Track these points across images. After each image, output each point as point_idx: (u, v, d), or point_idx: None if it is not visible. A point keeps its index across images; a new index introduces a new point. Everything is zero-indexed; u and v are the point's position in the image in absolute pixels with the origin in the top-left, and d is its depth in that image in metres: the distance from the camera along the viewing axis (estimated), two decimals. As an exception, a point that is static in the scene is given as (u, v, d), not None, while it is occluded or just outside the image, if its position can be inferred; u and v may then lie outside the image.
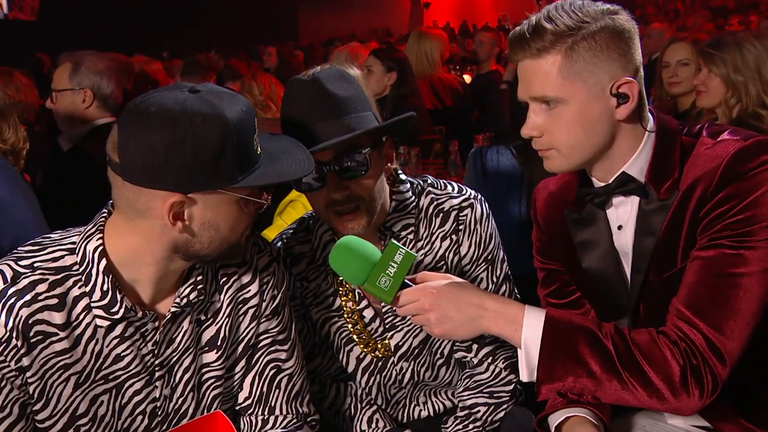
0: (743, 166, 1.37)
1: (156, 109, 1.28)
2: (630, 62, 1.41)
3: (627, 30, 1.41)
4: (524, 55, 1.42)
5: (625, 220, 1.52)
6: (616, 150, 1.47)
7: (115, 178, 1.34)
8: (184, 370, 1.50)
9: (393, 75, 4.10)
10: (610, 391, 1.37)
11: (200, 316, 1.51)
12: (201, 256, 1.40)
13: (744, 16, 11.79)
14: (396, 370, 1.78)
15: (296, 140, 1.51)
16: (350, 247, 1.47)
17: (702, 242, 1.40)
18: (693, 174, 1.42)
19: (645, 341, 1.38)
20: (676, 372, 1.34)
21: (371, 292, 1.45)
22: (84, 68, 3.02)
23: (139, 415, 1.47)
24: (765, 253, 1.36)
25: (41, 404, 1.37)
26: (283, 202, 2.47)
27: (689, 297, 1.39)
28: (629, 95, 1.41)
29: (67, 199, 2.64)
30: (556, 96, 1.40)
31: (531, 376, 1.43)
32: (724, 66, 2.82)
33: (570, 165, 1.47)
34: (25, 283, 1.33)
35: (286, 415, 1.62)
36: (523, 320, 1.42)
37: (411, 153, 3.58)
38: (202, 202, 1.33)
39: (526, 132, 1.46)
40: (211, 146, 1.27)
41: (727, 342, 1.34)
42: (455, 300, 1.44)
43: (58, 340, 1.36)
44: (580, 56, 1.38)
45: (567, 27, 1.37)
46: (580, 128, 1.41)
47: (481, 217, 1.74)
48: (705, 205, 1.39)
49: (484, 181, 2.28)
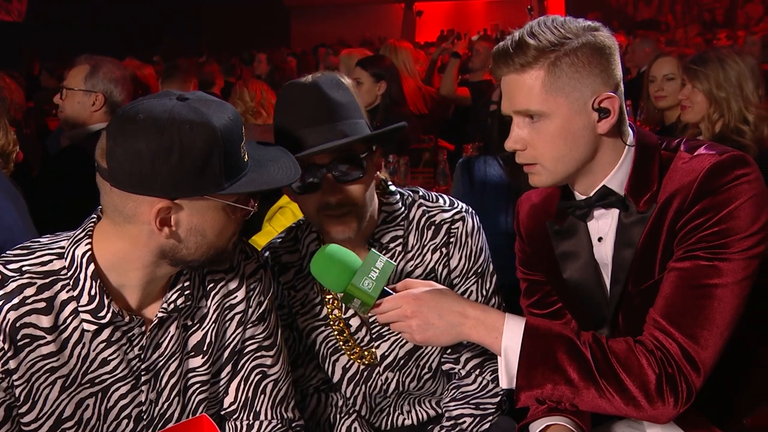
0: (718, 180, 1.40)
1: (144, 116, 1.30)
2: (611, 77, 1.44)
3: (608, 46, 1.44)
4: (508, 69, 1.45)
5: (605, 232, 1.55)
6: (598, 163, 1.50)
7: (103, 184, 1.36)
8: (170, 374, 1.51)
9: (382, 84, 4.10)
10: (588, 399, 1.40)
11: (187, 322, 1.52)
12: (188, 262, 1.41)
13: (732, 31, 11.94)
14: (381, 380, 1.80)
15: (284, 148, 1.52)
16: (331, 254, 1.49)
17: (678, 254, 1.43)
18: (671, 187, 1.46)
19: (622, 350, 1.40)
20: (651, 380, 1.37)
21: (354, 295, 1.46)
22: (101, 73, 3.06)
23: (124, 419, 1.48)
24: (739, 265, 1.39)
25: (27, 407, 1.38)
26: (272, 209, 2.48)
27: (665, 307, 1.42)
28: (610, 110, 1.44)
29: (64, 195, 2.66)
30: (540, 110, 1.43)
31: (510, 383, 1.45)
32: (707, 82, 2.87)
33: (555, 179, 1.50)
34: (13, 286, 1.35)
35: (271, 420, 1.63)
36: (503, 328, 1.44)
37: (400, 162, 3.60)
38: (189, 208, 1.35)
39: (509, 145, 1.49)
40: (197, 153, 1.29)
41: (701, 351, 1.38)
42: (437, 307, 1.46)
43: (46, 343, 1.37)
44: (563, 71, 1.41)
45: (550, 43, 1.40)
46: (563, 142, 1.44)
47: (473, 230, 1.76)
48: (682, 217, 1.43)
49: (471, 191, 2.30)
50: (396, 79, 4.18)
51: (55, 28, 13.29)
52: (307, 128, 1.57)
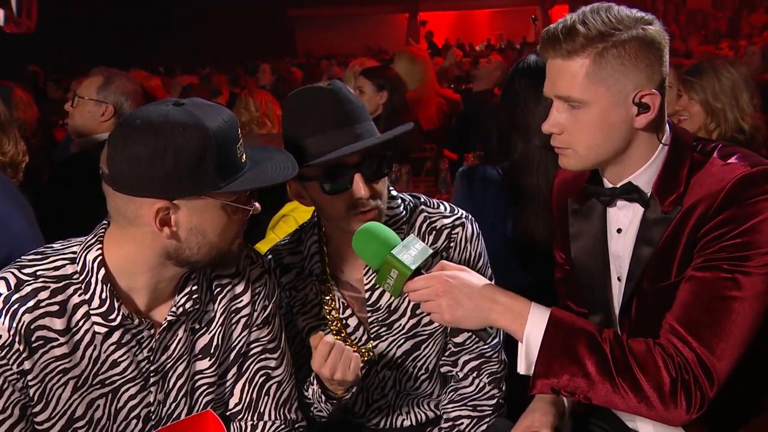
0: (746, 192, 1.41)
1: (141, 121, 1.36)
2: (656, 73, 1.44)
3: (657, 41, 1.44)
4: (555, 54, 1.46)
5: (625, 224, 1.57)
6: (630, 157, 1.51)
7: (107, 189, 1.42)
8: (178, 376, 1.56)
9: (384, 94, 4.13)
10: (602, 393, 1.42)
11: (194, 325, 1.57)
12: (192, 263, 1.46)
13: (734, 41, 11.97)
14: (379, 377, 1.84)
15: (284, 150, 1.58)
16: (375, 229, 1.55)
17: (698, 261, 1.44)
18: (698, 192, 1.46)
19: (641, 350, 1.43)
20: (666, 382, 1.39)
21: (392, 265, 1.49)
22: (114, 86, 3.16)
23: (133, 419, 1.53)
24: (759, 280, 1.40)
25: (41, 406, 1.43)
26: (275, 217, 2.53)
27: (683, 315, 1.43)
28: (650, 106, 1.44)
29: (71, 201, 2.72)
30: (580, 98, 1.44)
31: (528, 369, 1.48)
32: (703, 92, 2.90)
33: (584, 165, 1.52)
34: (28, 290, 1.40)
35: (275, 421, 1.68)
36: (528, 316, 1.47)
37: (402, 170, 3.65)
38: (187, 208, 1.40)
39: (547, 128, 1.51)
40: (191, 154, 1.35)
41: (716, 362, 1.39)
42: (468, 289, 1.49)
43: (58, 345, 1.42)
44: (608, 62, 1.41)
45: (599, 32, 1.40)
46: (599, 131, 1.46)
47: (472, 236, 1.81)
48: (705, 224, 1.43)
49: (471, 200, 2.34)
50: (398, 89, 4.22)
51: (60, 40, 13.40)
52: (333, 131, 1.61)
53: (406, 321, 1.80)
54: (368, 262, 1.57)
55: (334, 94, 1.64)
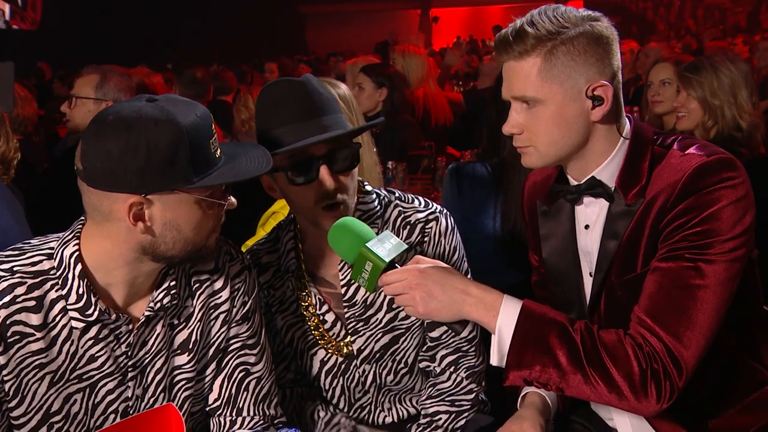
0: (703, 181, 1.43)
1: (113, 117, 1.37)
2: (607, 67, 1.48)
3: (605, 36, 1.48)
4: (507, 56, 1.50)
5: (593, 220, 1.59)
6: (591, 151, 1.54)
7: (82, 185, 1.43)
8: (156, 371, 1.57)
9: (383, 91, 4.13)
10: (574, 384, 1.43)
11: (173, 320, 1.58)
12: (168, 257, 1.47)
13: (749, 36, 11.85)
14: (359, 372, 1.85)
15: (260, 145, 1.58)
16: (350, 223, 1.56)
17: (662, 252, 1.47)
18: (659, 184, 1.49)
19: (611, 340, 1.44)
20: (636, 372, 1.40)
21: (367, 258, 1.50)
22: (111, 83, 3.18)
23: (111, 413, 1.54)
24: (722, 267, 1.42)
25: (16, 401, 1.44)
26: (266, 214, 2.53)
27: (650, 306, 1.45)
28: (604, 98, 1.48)
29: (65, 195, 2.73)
30: (535, 96, 1.48)
31: (501, 361, 1.49)
32: (701, 89, 2.88)
33: (545, 161, 1.55)
34: (5, 285, 1.41)
35: (254, 417, 1.68)
36: (501, 307, 1.49)
37: (398, 168, 3.65)
38: (161, 203, 1.41)
39: (507, 129, 1.54)
40: (162, 149, 1.36)
41: (684, 351, 1.41)
42: (441, 282, 1.51)
43: (35, 340, 1.43)
44: (559, 59, 1.46)
45: (547, 32, 1.45)
46: (556, 127, 1.49)
47: (446, 230, 1.81)
48: (666, 215, 1.46)
49: (460, 197, 2.34)
50: (399, 87, 4.22)
51: (68, 36, 13.48)
52: (300, 122, 1.63)
53: (383, 315, 1.81)
54: (343, 256, 1.57)
55: (302, 87, 1.65)
